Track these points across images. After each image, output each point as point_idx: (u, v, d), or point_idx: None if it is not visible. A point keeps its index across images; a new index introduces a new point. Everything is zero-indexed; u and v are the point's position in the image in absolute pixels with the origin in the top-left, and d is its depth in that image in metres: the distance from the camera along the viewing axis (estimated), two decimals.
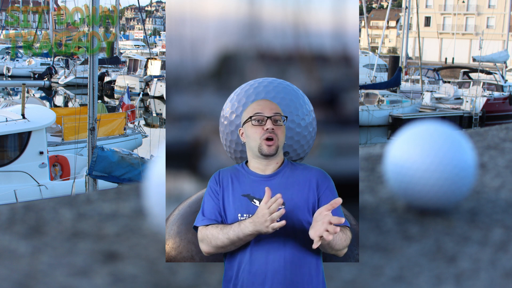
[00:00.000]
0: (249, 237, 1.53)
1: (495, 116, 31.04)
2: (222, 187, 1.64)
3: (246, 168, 1.68)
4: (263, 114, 1.68)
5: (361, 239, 1.59)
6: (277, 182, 1.63)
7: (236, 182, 1.64)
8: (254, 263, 1.54)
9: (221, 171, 1.68)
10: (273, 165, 1.67)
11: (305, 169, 1.67)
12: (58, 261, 1.39)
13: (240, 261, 1.55)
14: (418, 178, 1.71)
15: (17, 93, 32.65)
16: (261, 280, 1.53)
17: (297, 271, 1.54)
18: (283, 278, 1.53)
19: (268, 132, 1.65)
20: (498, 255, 1.50)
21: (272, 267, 1.53)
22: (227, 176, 1.66)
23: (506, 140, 2.84)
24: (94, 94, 12.32)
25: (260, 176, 1.66)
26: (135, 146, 17.82)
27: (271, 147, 1.65)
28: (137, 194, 1.85)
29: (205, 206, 1.62)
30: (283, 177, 1.65)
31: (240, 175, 1.66)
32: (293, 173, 1.66)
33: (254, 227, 1.51)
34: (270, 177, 1.65)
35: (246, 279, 1.53)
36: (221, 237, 1.54)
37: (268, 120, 1.66)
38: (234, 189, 1.63)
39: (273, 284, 1.52)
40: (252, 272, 1.54)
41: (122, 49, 56.13)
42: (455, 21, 73.60)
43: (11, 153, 13.58)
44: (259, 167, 1.67)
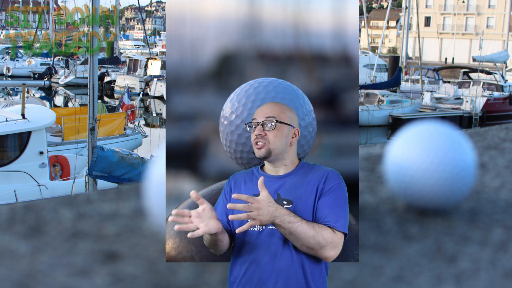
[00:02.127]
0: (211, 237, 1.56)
1: (495, 116, 31.03)
2: (234, 187, 1.68)
3: (260, 170, 1.72)
4: (256, 120, 1.72)
5: (361, 239, 1.59)
6: (288, 182, 1.65)
7: (250, 183, 1.68)
8: (259, 262, 1.55)
9: (236, 173, 1.73)
10: (282, 167, 1.69)
11: (319, 169, 1.68)
12: (58, 261, 1.39)
13: (245, 260, 1.56)
14: (418, 178, 1.71)
15: (17, 93, 32.64)
16: (265, 279, 1.53)
17: (302, 270, 1.54)
18: (288, 277, 1.53)
19: (257, 138, 1.70)
20: (498, 255, 1.50)
21: (279, 266, 1.54)
22: (241, 178, 1.71)
23: (506, 140, 2.84)
24: (94, 94, 12.32)
25: (272, 177, 1.68)
26: (135, 146, 17.81)
27: (260, 150, 1.68)
28: (137, 194, 1.85)
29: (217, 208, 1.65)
30: (296, 177, 1.67)
31: (254, 177, 1.70)
32: (307, 174, 1.67)
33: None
34: (282, 177, 1.67)
35: (252, 278, 1.54)
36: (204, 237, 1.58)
37: (258, 126, 1.70)
38: (246, 189, 1.66)
39: (277, 283, 1.53)
40: (258, 271, 1.54)
41: (122, 49, 56.11)
42: (455, 21, 73.59)
43: (11, 153, 13.57)
44: (270, 168, 1.71)
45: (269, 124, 1.70)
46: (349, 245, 1.67)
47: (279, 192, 1.62)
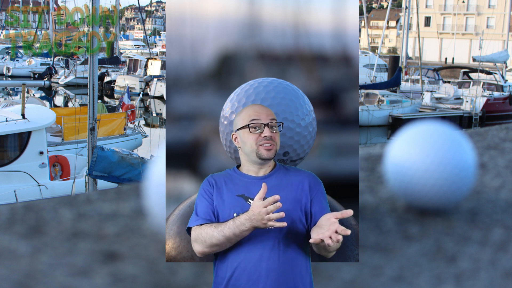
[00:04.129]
0: (245, 233, 1.54)
1: (495, 116, 31.03)
2: (216, 188, 1.66)
3: (238, 171, 1.71)
4: (260, 121, 1.70)
5: (361, 239, 1.59)
6: (270, 183, 1.65)
7: (230, 183, 1.67)
8: (248, 262, 1.54)
9: (213, 175, 1.71)
10: (265, 168, 1.70)
11: (297, 171, 1.71)
12: (58, 261, 1.39)
13: (233, 261, 1.55)
14: (418, 178, 1.71)
15: (17, 93, 32.64)
16: (255, 279, 1.53)
17: (291, 270, 1.55)
18: (277, 277, 1.53)
19: (266, 140, 1.68)
20: (498, 255, 1.50)
21: (267, 266, 1.54)
22: (220, 179, 1.68)
23: (506, 140, 2.84)
24: (94, 94, 12.32)
25: (254, 177, 1.68)
26: (135, 146, 17.82)
27: (270, 151, 1.68)
28: (137, 194, 1.85)
29: (198, 207, 1.63)
30: (277, 178, 1.68)
31: (234, 178, 1.69)
32: (286, 175, 1.69)
33: (251, 223, 1.52)
34: (263, 178, 1.68)
35: (240, 279, 1.53)
36: (216, 235, 1.55)
37: (265, 127, 1.69)
38: (228, 190, 1.65)
39: (266, 283, 1.53)
40: (247, 271, 1.54)
41: (122, 49, 56.11)
42: (455, 21, 73.59)
43: (11, 153, 13.57)
44: (253, 169, 1.70)
45: (275, 127, 1.71)
46: (349, 245, 1.67)
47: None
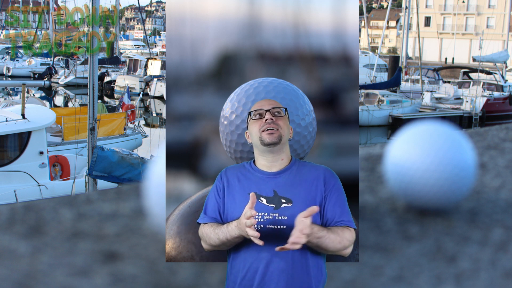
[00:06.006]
0: (236, 240, 1.54)
1: (495, 116, 31.03)
2: (228, 185, 1.64)
3: (253, 166, 1.69)
4: (262, 108, 1.70)
5: (361, 239, 1.59)
6: (283, 180, 1.63)
7: (244, 179, 1.65)
8: (260, 262, 1.54)
9: (227, 169, 1.69)
10: (278, 162, 1.67)
11: (312, 167, 1.68)
12: (58, 261, 1.39)
13: (245, 260, 1.55)
14: (418, 178, 1.71)
15: (17, 93, 32.63)
16: (267, 280, 1.52)
17: (304, 271, 1.53)
18: (289, 277, 1.53)
19: (267, 123, 1.67)
20: (498, 255, 1.50)
21: (279, 267, 1.53)
22: (234, 175, 1.67)
23: (506, 140, 2.84)
24: (94, 94, 12.32)
25: (267, 173, 1.66)
26: (135, 146, 17.81)
27: (273, 135, 1.66)
28: (137, 194, 1.85)
29: (208, 203, 1.64)
30: (290, 174, 1.65)
31: (247, 173, 1.67)
32: (301, 171, 1.66)
33: (239, 231, 1.52)
34: (277, 174, 1.65)
35: (253, 279, 1.53)
36: (213, 237, 1.57)
37: (267, 112, 1.68)
38: (241, 187, 1.63)
39: (278, 283, 1.52)
40: (259, 271, 1.53)
41: (122, 49, 56.10)
42: (455, 21, 73.57)
43: (11, 153, 13.57)
44: (266, 164, 1.67)
45: (278, 112, 1.69)
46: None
47: (276, 190, 1.61)
